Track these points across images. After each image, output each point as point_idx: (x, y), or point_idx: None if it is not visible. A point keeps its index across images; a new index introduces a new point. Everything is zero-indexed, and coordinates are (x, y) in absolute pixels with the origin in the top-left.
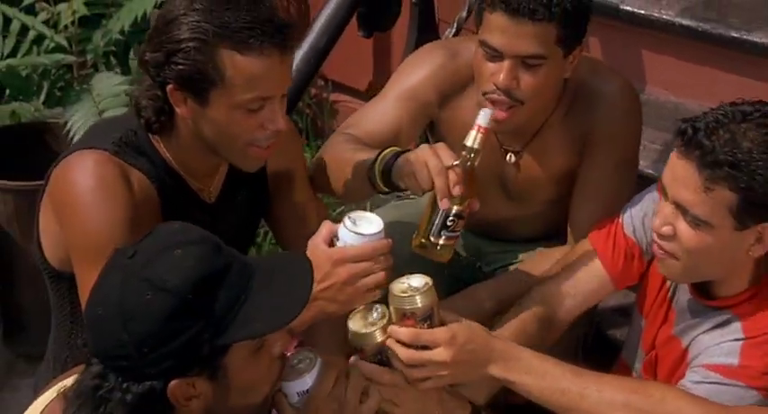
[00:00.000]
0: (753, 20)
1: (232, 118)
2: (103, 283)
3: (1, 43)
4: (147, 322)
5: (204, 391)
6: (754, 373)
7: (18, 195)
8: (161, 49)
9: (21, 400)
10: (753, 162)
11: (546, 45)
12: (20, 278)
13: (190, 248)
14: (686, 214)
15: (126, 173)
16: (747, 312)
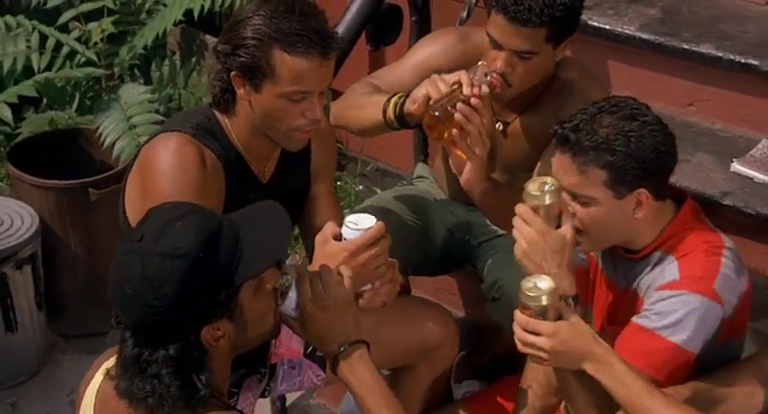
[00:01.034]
0: (701, 34)
1: (277, 105)
2: (123, 265)
3: (38, 58)
4: (172, 286)
5: (227, 330)
6: (694, 279)
7: (58, 192)
8: (229, 43)
9: (62, 374)
10: (611, 142)
11: (537, 44)
12: (60, 266)
13: (186, 219)
14: (575, 197)
15: (201, 152)
16: (671, 246)
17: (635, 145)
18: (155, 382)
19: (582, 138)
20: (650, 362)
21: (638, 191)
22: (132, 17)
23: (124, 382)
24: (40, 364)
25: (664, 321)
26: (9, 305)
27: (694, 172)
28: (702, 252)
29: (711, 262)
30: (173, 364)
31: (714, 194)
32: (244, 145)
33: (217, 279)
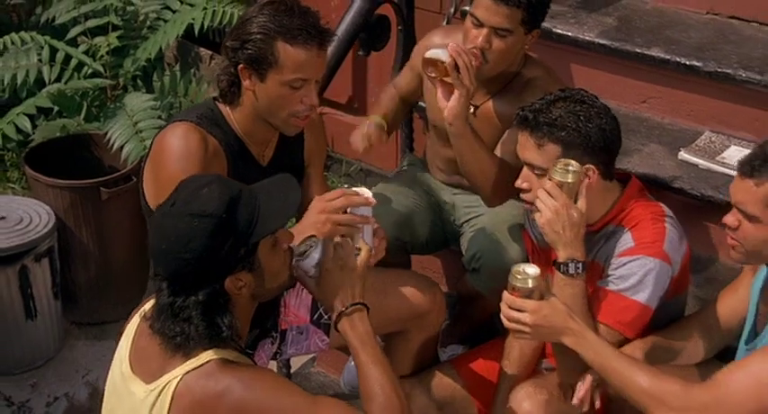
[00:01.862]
0: (651, 40)
1: (280, 92)
2: (160, 227)
3: (48, 70)
4: (199, 241)
5: (248, 280)
6: (647, 244)
7: (72, 192)
8: (237, 39)
9: (76, 357)
10: (562, 121)
11: (514, 23)
12: (74, 260)
13: (212, 186)
14: (534, 169)
15: (205, 138)
16: (621, 219)
17: (583, 124)
18: (185, 324)
19: (539, 117)
20: (620, 320)
21: (586, 166)
22: (134, 32)
23: (158, 323)
24: (57, 348)
25: (626, 284)
26: (29, 294)
27: (647, 160)
28: (650, 221)
29: (658, 228)
30: (201, 308)
31: (664, 179)
32: (245, 132)
33: (237, 236)
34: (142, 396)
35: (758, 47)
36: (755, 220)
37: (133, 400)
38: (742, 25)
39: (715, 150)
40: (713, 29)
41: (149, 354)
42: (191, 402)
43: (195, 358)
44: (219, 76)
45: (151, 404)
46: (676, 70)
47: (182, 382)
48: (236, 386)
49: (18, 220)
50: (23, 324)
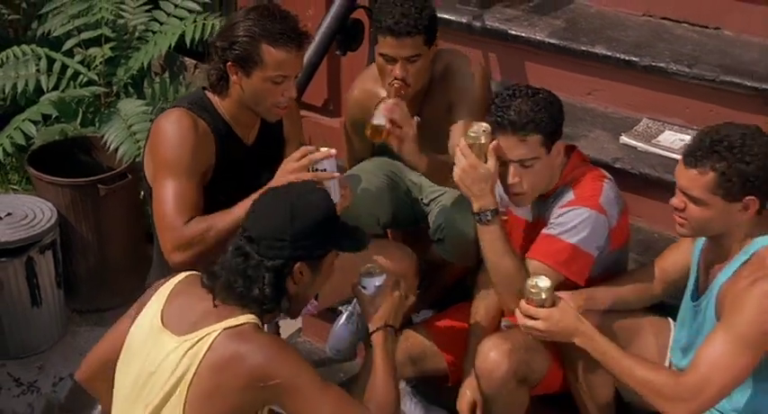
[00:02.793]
0: (595, 39)
1: (264, 86)
2: (273, 200)
3: (46, 80)
4: (302, 223)
5: (306, 276)
6: (584, 198)
7: (72, 189)
8: (226, 40)
9: (79, 342)
10: (530, 113)
11: (419, 48)
12: (75, 252)
13: (326, 194)
14: (522, 163)
15: (195, 121)
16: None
17: (548, 109)
18: (249, 281)
19: (513, 116)
20: (557, 260)
21: (558, 143)
22: (125, 43)
23: (221, 274)
24: (61, 334)
25: (563, 228)
26: (35, 284)
27: (593, 144)
28: (589, 180)
29: (596, 185)
30: (271, 273)
31: (608, 160)
32: (231, 117)
33: (326, 237)
34: (173, 346)
35: (687, 44)
36: (700, 203)
37: (161, 349)
38: (673, 25)
39: (651, 135)
40: (648, 29)
41: (185, 311)
42: (222, 356)
43: (235, 318)
44: (210, 70)
45: (183, 353)
46: (617, 65)
47: (220, 335)
48: (264, 350)
49: (23, 216)
50: (30, 311)
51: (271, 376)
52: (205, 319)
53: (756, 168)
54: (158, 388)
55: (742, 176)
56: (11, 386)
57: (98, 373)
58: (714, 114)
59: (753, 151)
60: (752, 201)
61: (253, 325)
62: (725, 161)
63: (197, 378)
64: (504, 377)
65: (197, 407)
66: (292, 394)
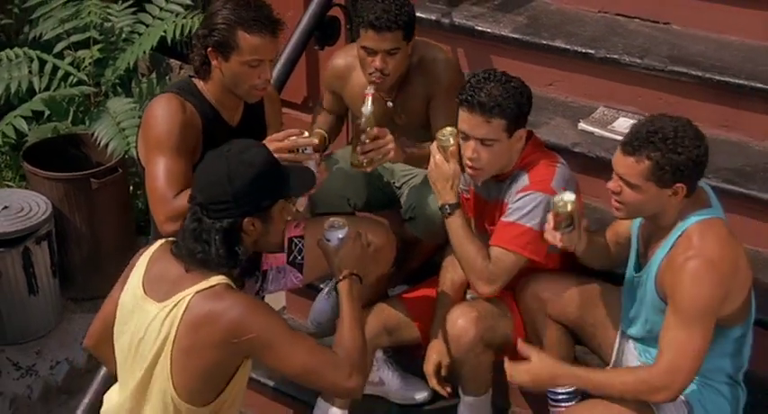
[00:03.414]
0: (555, 34)
1: (241, 70)
2: (213, 163)
3: (38, 81)
4: (241, 181)
5: (258, 227)
6: (537, 182)
7: (66, 183)
8: (206, 28)
9: (74, 328)
10: (503, 100)
11: (398, 42)
12: (70, 242)
13: (261, 148)
14: (483, 141)
15: (183, 104)
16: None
17: (518, 98)
18: (206, 245)
19: (482, 99)
20: (518, 244)
21: (520, 130)
22: (112, 45)
23: (182, 244)
24: (57, 321)
25: (520, 213)
26: (32, 273)
27: (553, 131)
28: (543, 165)
29: (549, 170)
30: (221, 234)
31: (568, 145)
32: (216, 100)
33: (268, 189)
34: (155, 312)
35: (639, 38)
36: (635, 188)
37: (145, 316)
38: (626, 21)
39: (607, 121)
40: (604, 24)
41: (162, 278)
42: (197, 315)
43: (206, 281)
44: (194, 56)
45: (164, 317)
46: (575, 57)
47: (193, 298)
48: (237, 307)
49: (19, 209)
50: (27, 299)
51: (244, 332)
52: (180, 284)
53: (686, 159)
54: (147, 351)
55: (673, 166)
56: (10, 370)
57: (101, 339)
58: (663, 102)
59: (684, 143)
60: (681, 187)
61: (224, 285)
62: (659, 151)
63: (178, 338)
64: (471, 342)
65: (181, 365)
66: (266, 347)
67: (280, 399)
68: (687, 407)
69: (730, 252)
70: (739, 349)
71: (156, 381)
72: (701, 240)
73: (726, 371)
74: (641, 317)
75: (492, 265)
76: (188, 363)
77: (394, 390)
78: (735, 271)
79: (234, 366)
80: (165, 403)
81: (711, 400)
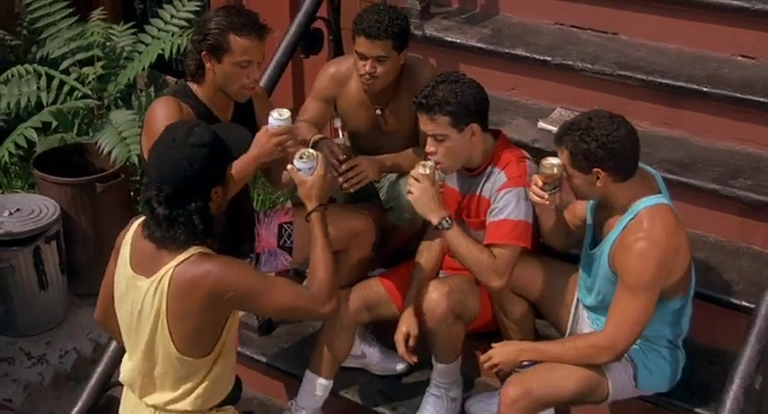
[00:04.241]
0: (516, 43)
1: (232, 71)
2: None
3: (46, 95)
4: (200, 163)
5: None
6: (515, 179)
7: (73, 187)
8: (200, 34)
9: (80, 321)
10: (446, 99)
11: (388, 51)
12: (76, 242)
13: (200, 126)
14: (435, 137)
15: (179, 104)
16: (495, 162)
17: (461, 96)
18: (183, 226)
19: (429, 101)
20: (513, 237)
21: (471, 126)
22: (114, 62)
23: (159, 231)
24: (65, 314)
25: (508, 210)
26: (42, 270)
27: (516, 129)
28: (515, 162)
29: (522, 166)
30: (199, 212)
31: (528, 142)
32: (209, 101)
33: (221, 159)
34: (146, 287)
35: (590, 46)
36: (570, 175)
37: (139, 291)
38: (579, 32)
39: (563, 121)
40: (559, 35)
41: (146, 255)
42: (183, 283)
43: (184, 253)
44: (188, 61)
45: (154, 290)
46: (534, 64)
47: (175, 270)
48: (215, 268)
49: (30, 211)
50: (38, 294)
51: (225, 291)
52: (162, 259)
53: (595, 146)
54: (146, 322)
55: (583, 153)
56: (23, 359)
57: (107, 313)
58: (613, 103)
59: (593, 133)
60: (598, 172)
61: (198, 254)
62: (572, 141)
63: (169, 307)
64: (443, 313)
65: (177, 328)
66: (247, 299)
67: (270, 373)
68: (632, 366)
69: (674, 236)
70: (678, 319)
71: (160, 345)
72: (650, 224)
73: (666, 337)
74: (595, 288)
75: (497, 261)
76: (183, 326)
77: (374, 362)
78: (676, 252)
79: (224, 319)
80: (172, 361)
81: (654, 361)
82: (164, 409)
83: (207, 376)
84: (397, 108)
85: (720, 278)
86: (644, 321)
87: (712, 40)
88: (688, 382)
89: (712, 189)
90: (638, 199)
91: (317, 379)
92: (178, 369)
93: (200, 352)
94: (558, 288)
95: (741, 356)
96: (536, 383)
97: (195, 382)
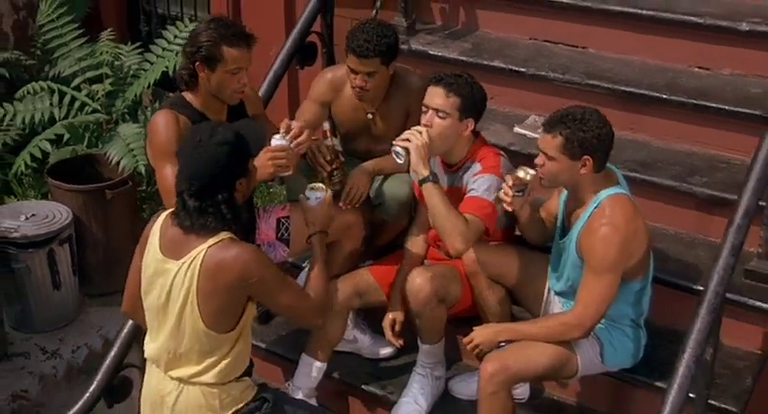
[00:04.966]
0: (494, 56)
1: (224, 77)
2: (194, 154)
3: (58, 111)
4: (225, 160)
5: (245, 183)
6: (489, 168)
7: (84, 194)
8: (193, 46)
9: (91, 319)
10: (464, 83)
11: (376, 67)
12: (87, 245)
13: (221, 126)
14: (437, 112)
15: (176, 116)
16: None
17: (475, 92)
18: (213, 216)
19: (449, 80)
20: (483, 213)
21: (468, 119)
22: (121, 80)
23: (189, 220)
24: (76, 313)
25: (481, 190)
26: (55, 271)
27: (494, 134)
28: (491, 156)
29: (496, 159)
30: (226, 202)
31: (505, 145)
32: (203, 107)
33: (243, 154)
34: (176, 268)
35: (562, 59)
36: (553, 160)
37: (168, 273)
38: (552, 46)
39: (536, 126)
40: (534, 48)
41: (175, 241)
42: (213, 264)
43: (214, 237)
44: (181, 71)
45: (185, 270)
46: (510, 75)
47: (207, 252)
48: (245, 254)
49: (45, 216)
50: (52, 293)
51: (252, 276)
52: (192, 243)
53: (591, 136)
54: (175, 301)
55: (580, 141)
56: (38, 354)
57: (135, 304)
58: None
59: (588, 124)
60: (587, 159)
61: (229, 238)
62: (569, 129)
63: (200, 285)
64: (427, 296)
65: (205, 305)
66: (265, 289)
67: (269, 358)
68: (599, 343)
69: (632, 220)
70: (639, 299)
71: (188, 321)
72: (611, 211)
73: (629, 316)
74: (564, 275)
75: (467, 227)
76: (211, 303)
77: (365, 346)
78: (635, 235)
79: (245, 300)
80: (199, 336)
81: (618, 338)
82: (188, 381)
83: (230, 352)
84: (386, 112)
85: (679, 266)
86: (609, 300)
87: (671, 53)
88: (650, 359)
89: (671, 186)
90: (600, 190)
91: (312, 362)
92: (204, 343)
93: (224, 328)
94: (531, 275)
95: (692, 328)
96: (512, 359)
97: (219, 357)
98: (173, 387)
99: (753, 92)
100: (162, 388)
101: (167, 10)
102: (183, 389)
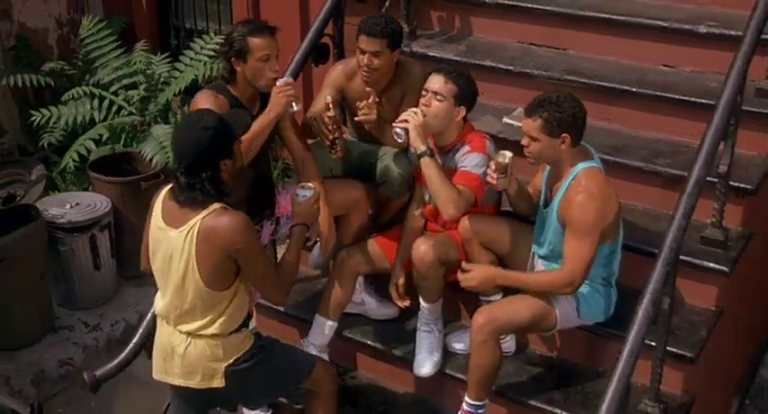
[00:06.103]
0: (485, 56)
1: (257, 66)
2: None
3: (98, 113)
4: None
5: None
6: (477, 147)
7: (122, 185)
8: (226, 44)
9: (127, 298)
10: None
11: (383, 47)
12: (124, 231)
13: (210, 113)
14: (436, 95)
15: (216, 96)
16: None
17: (467, 82)
18: (200, 191)
19: (450, 69)
20: (473, 185)
21: (461, 106)
22: (154, 86)
23: (182, 194)
24: (114, 292)
25: (470, 166)
26: (96, 253)
27: (485, 124)
28: (478, 139)
29: (483, 141)
30: (210, 179)
31: (494, 133)
32: (240, 95)
33: (226, 138)
34: (176, 236)
35: (545, 59)
36: (535, 140)
37: (170, 240)
38: (537, 48)
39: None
40: (520, 50)
41: (174, 213)
42: (207, 229)
43: (207, 209)
44: (222, 71)
45: (184, 238)
46: (500, 73)
47: (202, 221)
48: (234, 222)
49: (87, 205)
50: (93, 274)
51: (237, 242)
52: (187, 215)
53: (567, 115)
54: (177, 264)
55: (557, 120)
56: (81, 327)
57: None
58: None
59: (563, 106)
60: (566, 137)
61: (220, 208)
62: (546, 111)
63: (197, 249)
64: (432, 260)
65: (203, 265)
66: (245, 256)
67: (287, 320)
68: (575, 299)
69: (604, 189)
70: (610, 261)
71: (190, 282)
72: (586, 181)
73: (601, 275)
74: (547, 240)
75: (459, 196)
76: (207, 263)
77: (372, 308)
78: (608, 201)
79: (234, 263)
80: (201, 294)
81: (592, 296)
82: (195, 334)
83: (227, 308)
84: (390, 98)
85: (646, 235)
86: (592, 259)
87: (641, 53)
88: (619, 315)
89: (639, 167)
90: (577, 163)
91: (325, 321)
92: (206, 300)
93: (221, 286)
94: (519, 242)
95: (650, 277)
96: (500, 312)
97: (219, 312)
98: (181, 340)
99: (711, 86)
100: (172, 340)
101: (194, 24)
102: (191, 341)
